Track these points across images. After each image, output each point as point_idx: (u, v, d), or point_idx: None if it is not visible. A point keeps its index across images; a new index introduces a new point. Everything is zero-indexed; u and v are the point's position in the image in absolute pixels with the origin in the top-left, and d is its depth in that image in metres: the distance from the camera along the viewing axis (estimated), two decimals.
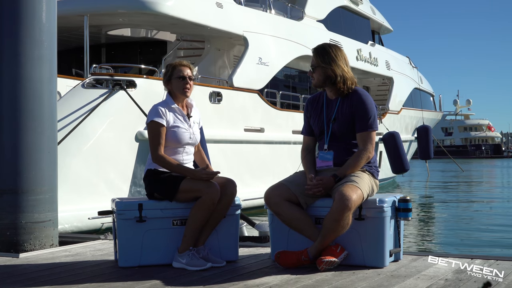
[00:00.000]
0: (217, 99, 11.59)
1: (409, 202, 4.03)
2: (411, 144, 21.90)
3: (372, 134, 4.06)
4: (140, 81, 9.93)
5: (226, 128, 11.87)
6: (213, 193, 3.97)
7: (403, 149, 15.54)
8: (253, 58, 13.06)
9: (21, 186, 4.85)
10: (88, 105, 9.14)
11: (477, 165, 48.39)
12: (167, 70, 4.31)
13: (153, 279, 3.64)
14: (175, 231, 4.10)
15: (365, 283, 3.46)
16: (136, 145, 9.64)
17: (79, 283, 3.57)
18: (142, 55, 14.07)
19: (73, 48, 13.23)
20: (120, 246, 4.07)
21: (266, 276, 3.68)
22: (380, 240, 3.88)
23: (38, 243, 4.86)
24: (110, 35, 13.30)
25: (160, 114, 4.15)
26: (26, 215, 4.83)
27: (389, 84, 20.54)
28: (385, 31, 22.56)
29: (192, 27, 12.24)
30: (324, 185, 3.94)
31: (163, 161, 4.11)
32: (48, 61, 5.06)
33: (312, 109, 4.25)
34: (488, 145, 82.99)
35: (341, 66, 4.06)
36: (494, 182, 26.26)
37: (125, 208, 4.06)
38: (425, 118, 22.13)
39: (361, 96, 4.07)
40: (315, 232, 3.90)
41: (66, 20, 11.15)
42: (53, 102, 5.13)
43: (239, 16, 13.01)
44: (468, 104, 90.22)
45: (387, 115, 19.00)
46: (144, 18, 11.85)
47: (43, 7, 4.98)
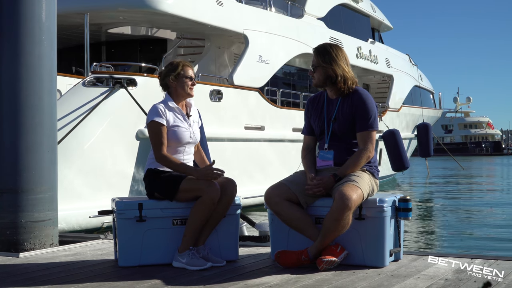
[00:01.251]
0: (217, 97, 11.59)
1: (409, 201, 4.03)
2: (411, 141, 21.90)
3: (372, 133, 4.06)
4: (141, 79, 9.93)
5: (227, 126, 11.87)
6: (213, 193, 3.97)
7: (403, 147, 15.54)
8: (253, 56, 13.05)
9: (21, 185, 4.84)
10: (88, 104, 9.13)
11: (477, 162, 48.40)
12: (175, 67, 4.24)
13: (153, 279, 3.64)
14: (175, 231, 4.09)
15: (365, 283, 3.46)
16: (136, 143, 9.63)
17: (79, 283, 3.57)
18: (142, 53, 14.06)
19: (74, 46, 13.22)
20: (120, 245, 4.07)
21: (266, 275, 3.68)
22: (380, 240, 3.88)
23: (38, 242, 4.86)
24: (110, 33, 13.28)
25: (160, 113, 4.14)
26: (26, 214, 4.83)
27: (389, 81, 20.54)
28: (385, 28, 22.57)
29: (192, 25, 12.23)
30: (324, 185, 3.95)
31: (166, 160, 4.10)
32: (48, 59, 5.05)
33: (313, 109, 4.26)
34: (488, 143, 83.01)
35: (342, 66, 4.06)
36: (494, 180, 26.24)
37: (125, 207, 4.06)
38: (425, 115, 22.13)
39: (362, 96, 4.07)
40: (315, 232, 3.90)
41: (67, 18, 11.15)
42: (53, 100, 5.13)
43: (239, 14, 13.00)
44: (468, 101, 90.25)
45: (387, 113, 19.00)
46: (144, 16, 11.84)
47: (43, 6, 4.98)
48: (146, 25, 13.23)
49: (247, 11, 13.32)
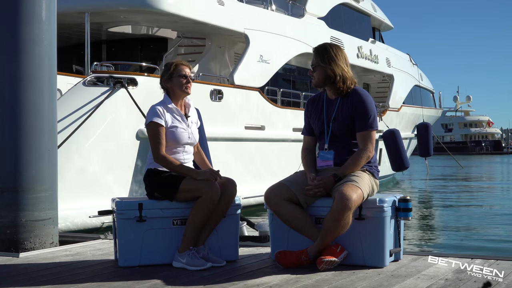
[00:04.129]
0: (218, 97, 11.58)
1: (409, 201, 4.03)
2: (411, 141, 21.90)
3: (372, 133, 4.06)
4: (141, 79, 9.92)
5: (227, 126, 11.86)
6: (213, 193, 3.97)
7: (403, 147, 15.55)
8: (254, 55, 13.04)
9: (21, 184, 4.84)
10: (89, 104, 9.12)
11: (477, 161, 48.37)
12: (168, 68, 4.29)
13: (153, 279, 3.64)
14: (175, 231, 4.09)
15: (365, 283, 3.46)
16: (137, 143, 9.63)
17: (79, 283, 3.57)
18: (143, 52, 14.06)
19: (74, 45, 13.22)
20: (120, 245, 4.07)
21: (266, 276, 3.68)
22: (380, 240, 3.89)
23: (38, 241, 4.86)
24: (111, 32, 13.28)
25: (159, 114, 4.15)
26: (26, 213, 4.83)
27: (389, 81, 20.53)
28: (385, 28, 22.56)
29: (193, 25, 12.23)
30: (324, 185, 3.95)
31: (165, 161, 4.10)
32: (48, 59, 5.05)
33: (313, 109, 4.26)
34: (488, 141, 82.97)
35: (341, 66, 4.06)
36: (494, 179, 26.22)
37: (125, 207, 4.06)
38: (425, 115, 22.13)
39: (361, 96, 4.08)
40: (315, 232, 3.91)
41: (67, 17, 11.14)
42: (53, 100, 5.13)
43: (240, 13, 13.00)
44: (468, 100, 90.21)
45: (387, 113, 18.99)
46: (145, 15, 11.83)
47: (43, 5, 4.97)
48: (146, 24, 13.23)
49: (248, 11, 13.31)
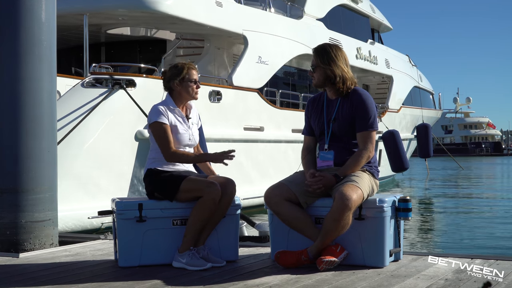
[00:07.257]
0: (216, 98, 11.58)
1: (409, 202, 4.03)
2: (411, 142, 21.90)
3: (372, 133, 4.06)
4: (140, 80, 9.92)
5: (226, 127, 11.86)
6: (214, 193, 3.97)
7: (403, 148, 15.55)
8: (252, 57, 13.04)
9: (21, 185, 4.84)
10: (87, 105, 9.13)
11: (477, 163, 48.39)
12: (180, 70, 4.23)
13: (153, 279, 3.64)
14: (175, 231, 4.09)
15: (365, 283, 3.46)
16: (136, 144, 9.63)
17: (79, 283, 3.57)
18: (142, 54, 14.07)
19: (73, 46, 13.22)
20: (120, 246, 4.07)
21: (266, 276, 3.68)
22: (380, 240, 3.88)
23: (38, 242, 4.86)
24: (110, 34, 13.29)
25: (162, 113, 4.14)
26: (26, 214, 4.83)
27: (388, 82, 20.54)
28: (384, 29, 22.56)
29: (191, 26, 12.23)
30: (324, 182, 3.93)
31: (178, 156, 4.12)
32: (48, 60, 5.05)
33: (313, 109, 4.26)
34: (488, 143, 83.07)
35: (341, 67, 4.06)
36: (494, 180, 26.23)
37: (125, 208, 4.06)
38: (425, 116, 22.14)
39: (361, 96, 4.08)
40: (315, 232, 3.90)
41: (66, 19, 11.15)
42: (52, 101, 5.13)
43: (239, 14, 13.00)
44: (468, 101, 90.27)
45: (386, 114, 19.00)
46: (143, 17, 11.84)
47: (43, 6, 4.97)
48: (145, 26, 13.24)
49: (246, 12, 13.32)
